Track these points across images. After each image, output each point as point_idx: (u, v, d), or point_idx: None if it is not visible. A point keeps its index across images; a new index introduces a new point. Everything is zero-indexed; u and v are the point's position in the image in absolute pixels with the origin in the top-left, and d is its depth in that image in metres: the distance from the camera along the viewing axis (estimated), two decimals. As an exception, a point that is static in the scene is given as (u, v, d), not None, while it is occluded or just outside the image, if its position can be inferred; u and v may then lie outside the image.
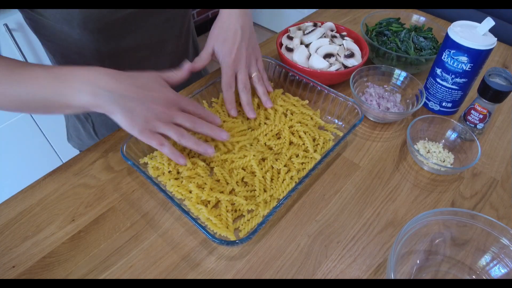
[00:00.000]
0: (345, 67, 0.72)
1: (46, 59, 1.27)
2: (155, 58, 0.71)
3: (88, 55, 0.63)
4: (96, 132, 0.78)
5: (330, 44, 0.75)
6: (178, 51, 0.75)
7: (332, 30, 0.81)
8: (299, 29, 0.80)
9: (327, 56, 0.73)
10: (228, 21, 0.60)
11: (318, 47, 0.74)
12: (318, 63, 0.71)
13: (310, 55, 0.73)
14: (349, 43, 0.76)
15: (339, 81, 0.74)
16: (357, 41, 0.79)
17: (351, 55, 0.73)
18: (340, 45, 0.75)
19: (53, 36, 0.61)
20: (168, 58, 0.74)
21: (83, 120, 0.76)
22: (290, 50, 0.75)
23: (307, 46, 0.75)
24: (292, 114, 0.64)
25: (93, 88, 0.46)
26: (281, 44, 0.78)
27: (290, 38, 0.77)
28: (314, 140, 0.61)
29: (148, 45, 0.68)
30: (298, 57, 0.72)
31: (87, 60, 0.64)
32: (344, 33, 0.80)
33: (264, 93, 0.63)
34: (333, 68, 0.71)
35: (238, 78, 0.60)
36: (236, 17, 0.60)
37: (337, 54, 0.74)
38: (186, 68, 0.56)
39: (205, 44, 0.61)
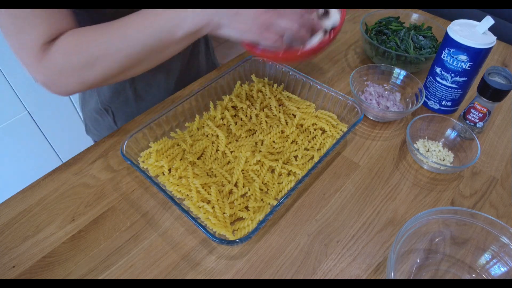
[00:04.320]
0: (325, 31, 0.56)
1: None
2: None
3: None
4: (116, 123, 0.79)
5: None
6: None
7: None
8: None
9: None
10: None
11: None
12: None
13: None
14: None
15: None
16: None
17: (325, 13, 0.57)
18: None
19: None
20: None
21: (103, 112, 0.77)
22: None
23: None
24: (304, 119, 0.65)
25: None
26: None
27: None
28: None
29: None
30: None
31: None
32: None
33: None
34: (315, 40, 0.54)
35: None
36: None
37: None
38: None
39: None
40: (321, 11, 0.54)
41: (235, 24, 0.45)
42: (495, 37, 0.60)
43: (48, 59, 0.47)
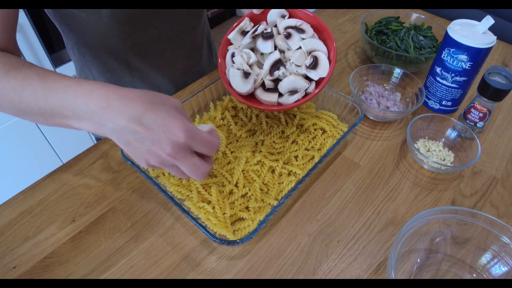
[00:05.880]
0: (308, 78, 0.55)
1: (46, 62, 1.27)
2: (174, 49, 0.73)
3: (113, 45, 0.64)
4: None
5: (284, 53, 0.55)
6: (194, 42, 0.77)
7: (283, 16, 0.57)
8: (242, 33, 0.57)
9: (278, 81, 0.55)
10: None
11: (267, 74, 0.55)
12: (268, 97, 0.55)
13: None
14: (309, 42, 0.54)
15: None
16: (317, 29, 0.56)
17: (314, 64, 0.52)
18: (298, 49, 0.55)
19: (78, 26, 0.61)
20: (187, 48, 0.76)
21: None
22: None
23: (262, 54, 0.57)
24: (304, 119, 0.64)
25: (95, 120, 0.41)
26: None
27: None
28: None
29: (168, 36, 0.69)
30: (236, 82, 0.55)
31: (112, 49, 0.65)
32: (300, 22, 0.55)
33: None
34: (293, 98, 0.53)
35: None
36: None
37: (294, 64, 0.54)
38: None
39: None
40: (308, 61, 0.52)
41: (127, 152, 0.42)
42: (495, 37, 0.60)
43: None
